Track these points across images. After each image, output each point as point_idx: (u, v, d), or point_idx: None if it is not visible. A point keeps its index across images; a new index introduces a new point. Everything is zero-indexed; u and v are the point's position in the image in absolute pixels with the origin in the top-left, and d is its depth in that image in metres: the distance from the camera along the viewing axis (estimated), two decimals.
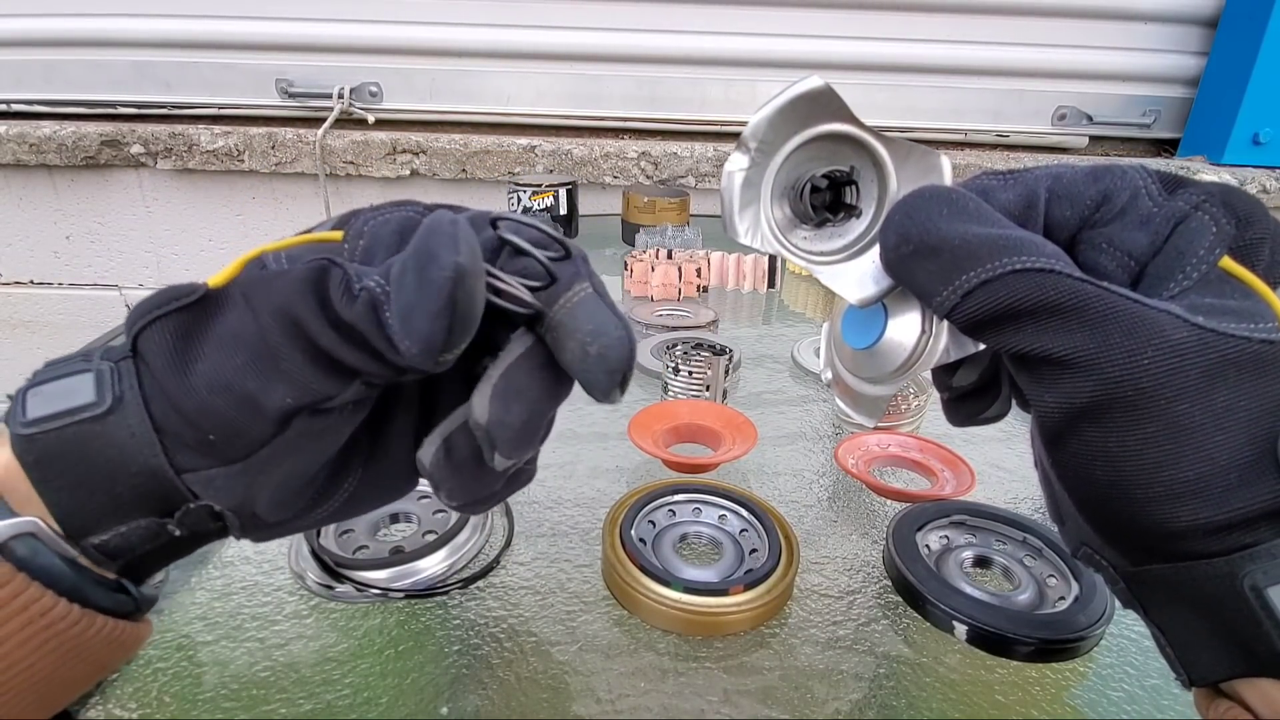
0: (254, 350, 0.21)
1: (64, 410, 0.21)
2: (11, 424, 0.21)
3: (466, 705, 0.32)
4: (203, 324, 0.22)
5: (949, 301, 0.21)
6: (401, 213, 0.24)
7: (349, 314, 0.20)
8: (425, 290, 0.19)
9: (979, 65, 1.27)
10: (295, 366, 0.21)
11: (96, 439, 0.21)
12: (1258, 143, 1.22)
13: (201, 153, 1.21)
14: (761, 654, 0.35)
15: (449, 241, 0.19)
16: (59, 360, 0.23)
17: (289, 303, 0.20)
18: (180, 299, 0.21)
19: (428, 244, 0.20)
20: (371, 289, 0.20)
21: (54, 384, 0.22)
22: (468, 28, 1.24)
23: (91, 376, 0.21)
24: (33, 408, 0.21)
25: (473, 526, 0.41)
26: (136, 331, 0.22)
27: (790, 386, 0.64)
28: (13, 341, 1.41)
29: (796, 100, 0.25)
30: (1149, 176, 0.22)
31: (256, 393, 0.21)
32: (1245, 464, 0.18)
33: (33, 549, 0.21)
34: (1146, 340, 0.19)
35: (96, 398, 0.21)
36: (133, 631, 0.24)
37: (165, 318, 0.21)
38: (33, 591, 0.21)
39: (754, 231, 0.26)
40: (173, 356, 0.21)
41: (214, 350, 0.21)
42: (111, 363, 0.22)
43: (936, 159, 0.26)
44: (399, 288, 0.20)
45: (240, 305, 0.21)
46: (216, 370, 0.21)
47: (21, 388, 0.22)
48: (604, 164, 1.23)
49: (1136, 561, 0.21)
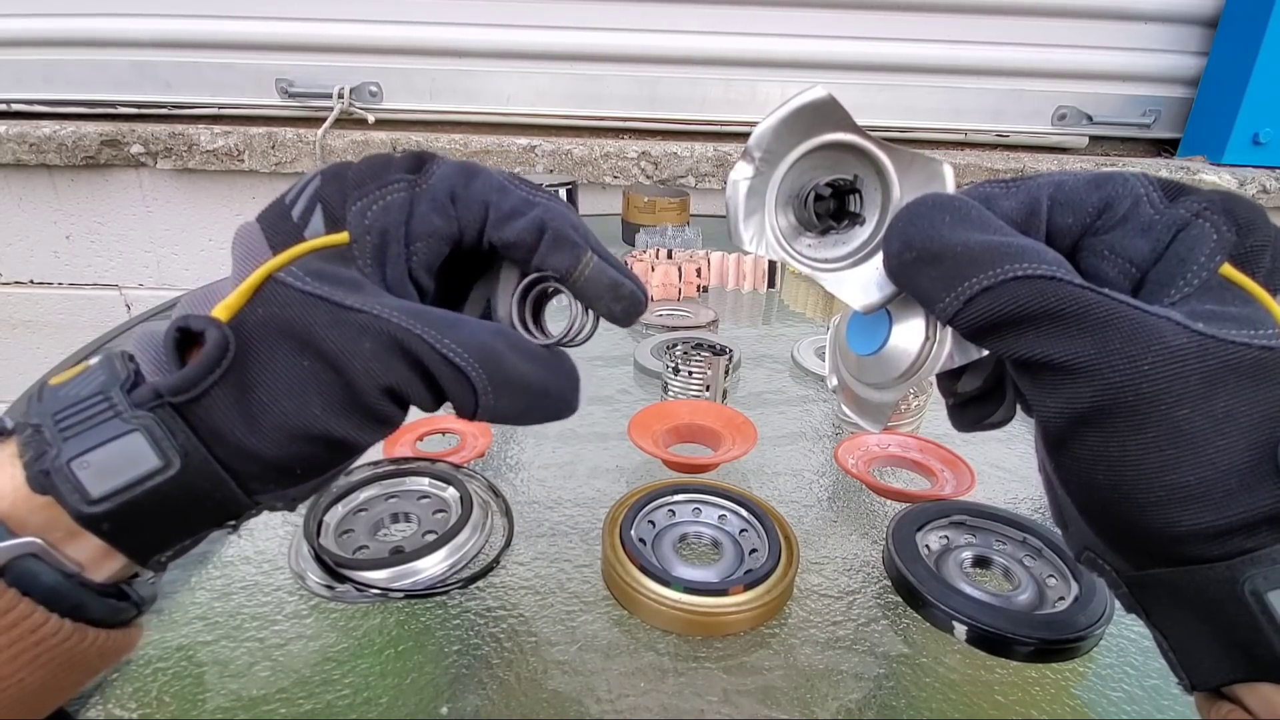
0: (344, 402, 0.22)
1: (133, 481, 0.21)
2: (70, 501, 0.20)
3: (466, 705, 0.32)
4: (251, 370, 0.21)
5: (952, 307, 0.21)
6: (391, 193, 0.24)
7: (453, 393, 0.23)
8: (533, 409, 0.25)
9: (979, 65, 1.27)
10: (392, 414, 0.23)
11: (169, 495, 0.21)
12: (1258, 143, 1.22)
13: (201, 153, 1.21)
14: (761, 654, 0.35)
15: (575, 388, 0.26)
16: (70, 407, 0.21)
17: (389, 374, 0.22)
18: (221, 361, 0.21)
19: (558, 381, 0.25)
20: (473, 380, 0.22)
21: (99, 451, 0.20)
22: (468, 28, 1.24)
23: (142, 437, 0.21)
24: (93, 484, 0.20)
25: (472, 526, 0.41)
26: (185, 402, 0.21)
27: (790, 386, 0.64)
28: (13, 341, 1.41)
29: (801, 110, 0.25)
30: (1150, 184, 0.22)
31: (349, 438, 0.23)
32: (1245, 469, 0.18)
33: (35, 570, 0.21)
34: (1147, 346, 0.19)
35: (162, 461, 0.21)
36: (124, 638, 0.24)
37: (220, 383, 0.21)
38: (23, 608, 0.21)
39: (759, 239, 0.27)
40: (237, 414, 0.21)
41: (287, 400, 0.21)
42: (147, 412, 0.21)
43: (939, 167, 0.26)
44: (505, 388, 0.23)
45: (301, 350, 0.21)
46: (298, 420, 0.22)
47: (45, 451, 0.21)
48: (604, 164, 1.23)
49: (1138, 566, 0.21)
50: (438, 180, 0.24)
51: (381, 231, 0.23)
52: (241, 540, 0.42)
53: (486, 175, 0.25)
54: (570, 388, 0.26)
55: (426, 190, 0.24)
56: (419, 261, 0.24)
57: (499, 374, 0.23)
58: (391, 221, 0.23)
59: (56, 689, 0.23)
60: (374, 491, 0.45)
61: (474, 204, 0.24)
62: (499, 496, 0.45)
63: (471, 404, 0.23)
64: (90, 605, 0.22)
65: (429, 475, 0.46)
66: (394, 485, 0.45)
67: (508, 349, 0.23)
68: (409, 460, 0.47)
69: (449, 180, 0.24)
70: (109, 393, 0.21)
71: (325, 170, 0.25)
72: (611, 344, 0.71)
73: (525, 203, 0.25)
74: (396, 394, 0.22)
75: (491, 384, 0.23)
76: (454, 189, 0.24)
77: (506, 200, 0.25)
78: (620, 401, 0.60)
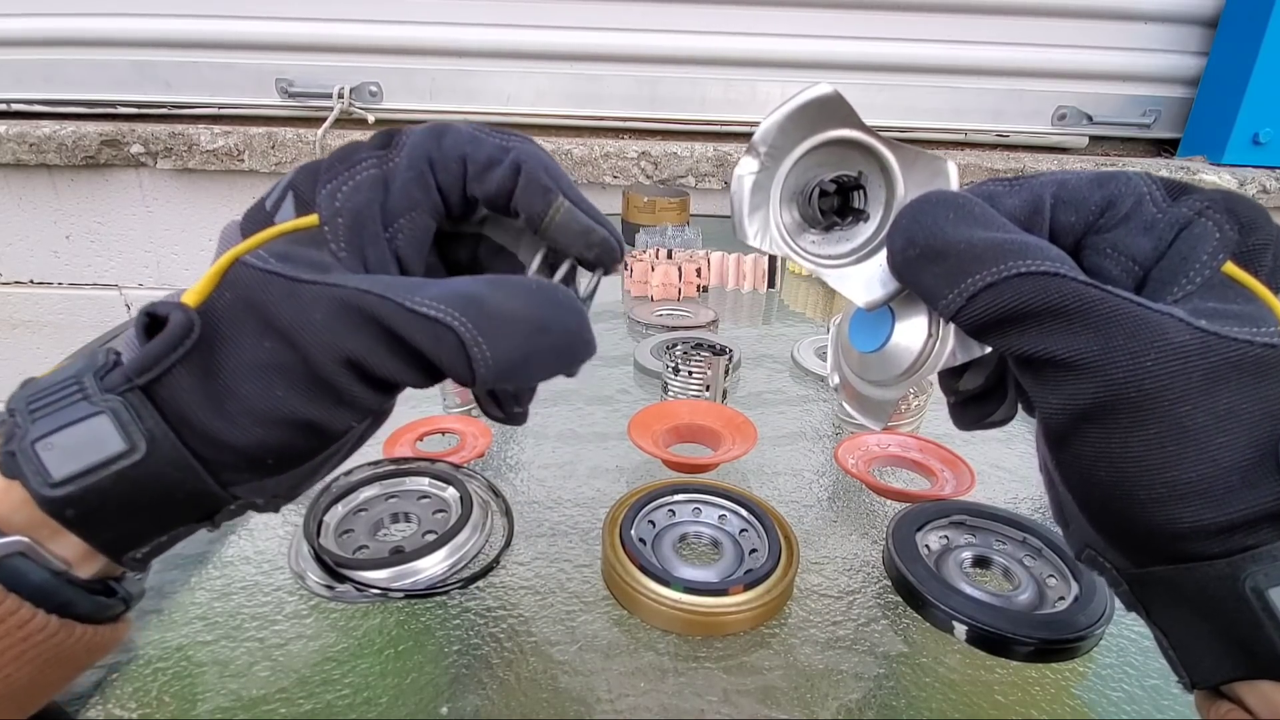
0: (306, 381, 0.21)
1: (96, 464, 0.20)
2: (33, 484, 0.20)
3: (466, 705, 0.32)
4: (217, 354, 0.21)
5: (955, 304, 0.21)
6: (361, 171, 0.23)
7: (434, 350, 0.20)
8: (537, 352, 0.21)
9: (979, 65, 1.27)
10: (360, 393, 0.21)
11: (137, 481, 0.21)
12: (1258, 143, 1.22)
13: (201, 152, 1.21)
14: (761, 654, 0.35)
15: (581, 322, 0.23)
16: (43, 391, 0.21)
17: (343, 342, 0.20)
18: (184, 340, 0.20)
19: (556, 313, 0.22)
20: (454, 327, 0.20)
21: (65, 433, 0.20)
22: (468, 28, 1.24)
23: (108, 419, 0.20)
24: (55, 466, 0.20)
25: (472, 526, 0.41)
26: (148, 382, 0.20)
27: (790, 386, 0.64)
28: (12, 341, 1.41)
29: (806, 106, 0.25)
30: (1153, 183, 0.22)
31: (319, 420, 0.21)
32: (1247, 466, 0.18)
33: (23, 568, 0.21)
34: (1149, 343, 0.19)
35: (127, 444, 0.20)
36: (110, 634, 0.24)
37: (181, 363, 0.20)
38: (10, 604, 0.21)
39: (763, 235, 0.27)
40: (203, 397, 0.21)
41: (250, 383, 0.21)
42: (116, 395, 0.20)
43: (943, 165, 0.26)
44: (494, 331, 0.21)
45: (262, 331, 0.21)
46: (263, 403, 0.21)
47: (14, 432, 0.20)
48: (604, 164, 1.23)
49: (1139, 563, 0.21)
50: (409, 149, 0.23)
51: (354, 212, 0.22)
52: (241, 540, 0.42)
53: (455, 130, 0.24)
54: (574, 320, 0.23)
55: (399, 163, 0.23)
56: (405, 240, 0.23)
57: (483, 316, 0.20)
58: (363, 201, 0.22)
59: (44, 685, 0.23)
60: (374, 491, 0.45)
61: (451, 162, 0.23)
62: (499, 496, 0.45)
63: (463, 359, 0.20)
64: (78, 602, 0.22)
65: (429, 475, 0.46)
66: (394, 485, 0.45)
67: (490, 289, 0.21)
68: (409, 460, 0.47)
69: (421, 147, 0.23)
70: (82, 378, 0.21)
71: (301, 165, 0.24)
72: (611, 344, 0.71)
73: (499, 149, 0.24)
74: (358, 365, 0.21)
75: (477, 328, 0.20)
76: (428, 154, 0.23)
77: (481, 150, 0.24)
78: (620, 401, 0.60)
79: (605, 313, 0.79)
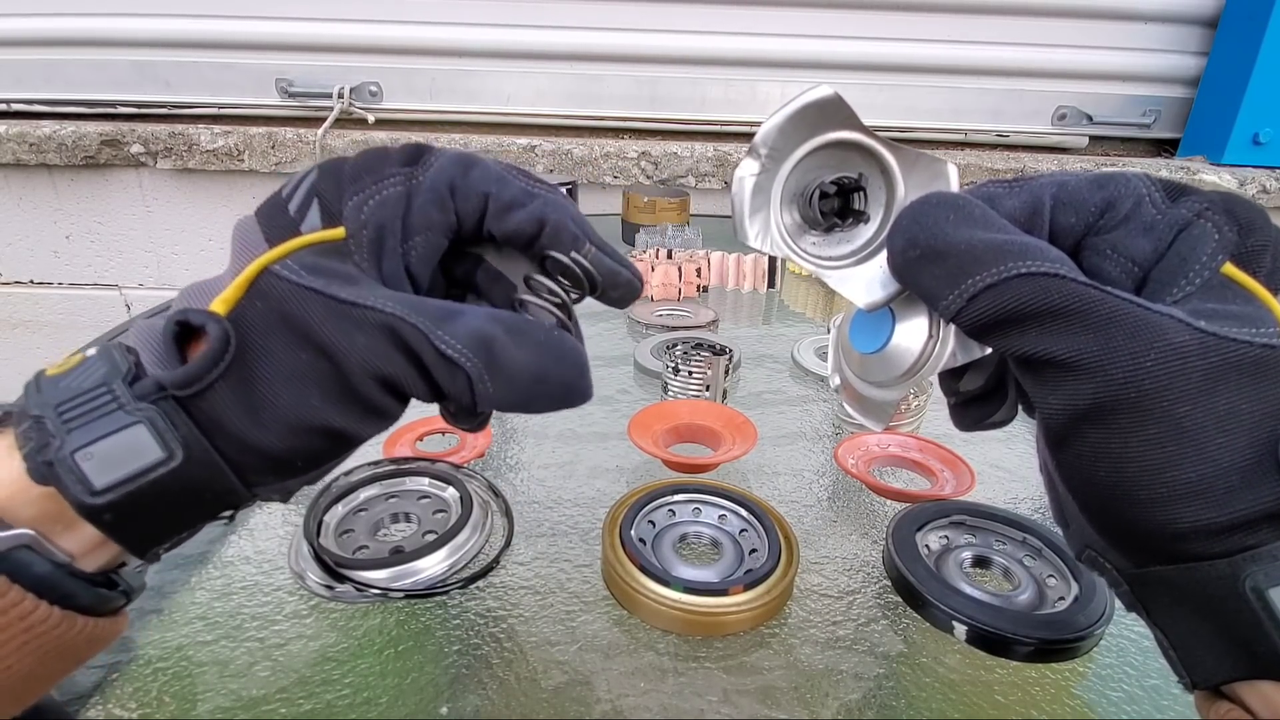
0: (339, 392, 0.22)
1: (136, 472, 0.21)
2: (73, 492, 0.20)
3: (466, 705, 0.32)
4: (252, 364, 0.22)
5: (955, 305, 0.21)
6: (388, 187, 0.24)
7: (448, 386, 0.22)
8: (537, 397, 0.24)
9: (979, 65, 1.27)
10: (389, 406, 0.23)
11: (170, 486, 0.21)
12: (1258, 143, 1.22)
13: (201, 152, 1.21)
14: (761, 654, 0.35)
15: (580, 374, 0.25)
16: (74, 399, 0.21)
17: (383, 364, 0.22)
18: (224, 355, 0.21)
19: (558, 366, 0.24)
20: (467, 369, 0.22)
21: (104, 443, 0.21)
22: (468, 28, 1.24)
23: (145, 429, 0.21)
24: (96, 475, 0.21)
25: (472, 526, 0.41)
26: (187, 397, 0.21)
27: (790, 386, 0.64)
28: (13, 341, 1.41)
29: (806, 108, 0.25)
30: (1152, 184, 0.22)
31: (349, 429, 0.23)
32: (1246, 466, 0.18)
33: (27, 560, 0.21)
34: (1149, 343, 0.19)
35: (165, 453, 0.21)
36: (110, 626, 0.25)
37: (223, 377, 0.21)
38: (13, 596, 0.21)
39: (764, 236, 0.27)
40: (239, 405, 0.21)
41: (287, 393, 0.22)
42: (149, 404, 0.21)
43: (943, 166, 0.26)
44: (500, 377, 0.23)
45: (299, 343, 0.22)
46: (298, 413, 0.22)
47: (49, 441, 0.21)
48: (604, 164, 1.23)
49: (1139, 563, 0.21)
50: (435, 173, 0.24)
51: (378, 226, 0.23)
52: (241, 540, 0.42)
53: (484, 166, 0.25)
54: (573, 373, 0.25)
55: (423, 183, 0.24)
56: (417, 256, 0.24)
57: (493, 364, 0.23)
58: (388, 216, 0.24)
59: (44, 675, 0.23)
60: (374, 491, 0.45)
61: (472, 195, 0.25)
62: (499, 496, 0.45)
63: (468, 394, 0.23)
64: (80, 594, 0.23)
65: (429, 475, 0.46)
66: (394, 485, 0.45)
67: (504, 335, 0.23)
68: (409, 460, 0.47)
69: (447, 172, 0.25)
70: (111, 385, 0.21)
71: (323, 165, 0.25)
72: (612, 344, 0.71)
73: (525, 194, 0.25)
74: (392, 384, 0.23)
75: (487, 371, 0.22)
76: (452, 180, 0.24)
77: (506, 191, 0.25)
78: (620, 401, 0.60)
79: (606, 313, 0.79)
